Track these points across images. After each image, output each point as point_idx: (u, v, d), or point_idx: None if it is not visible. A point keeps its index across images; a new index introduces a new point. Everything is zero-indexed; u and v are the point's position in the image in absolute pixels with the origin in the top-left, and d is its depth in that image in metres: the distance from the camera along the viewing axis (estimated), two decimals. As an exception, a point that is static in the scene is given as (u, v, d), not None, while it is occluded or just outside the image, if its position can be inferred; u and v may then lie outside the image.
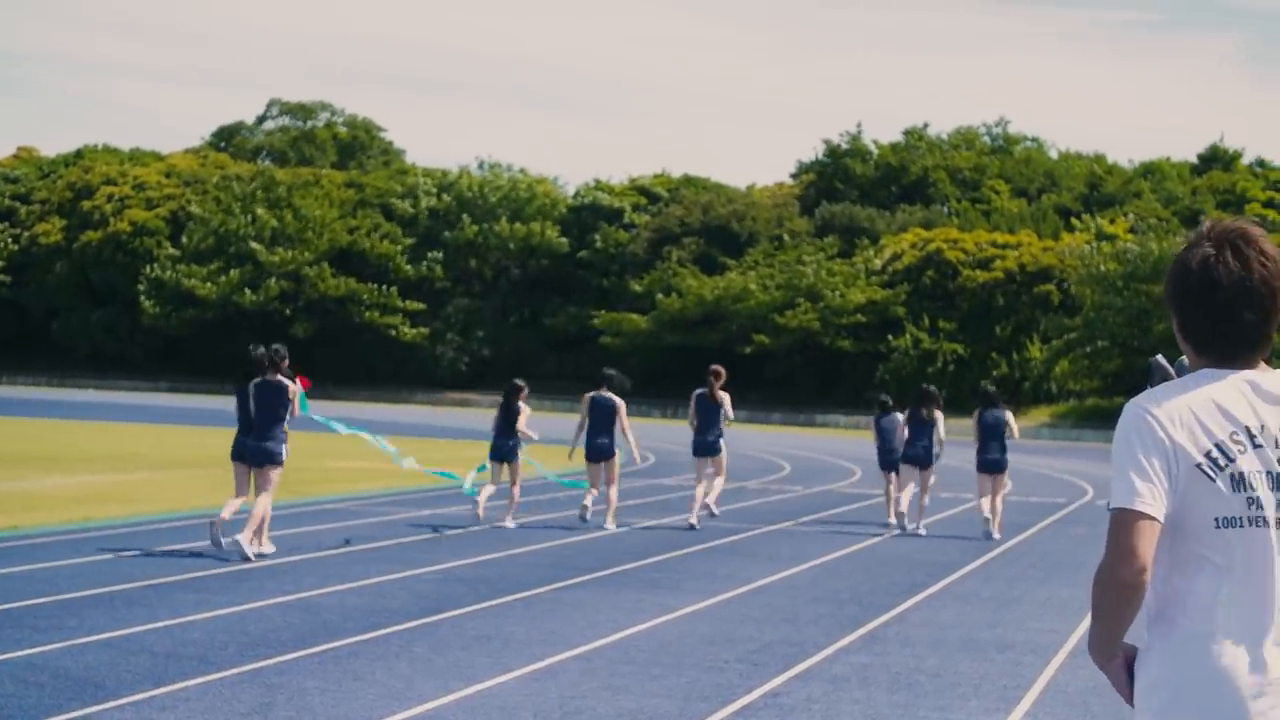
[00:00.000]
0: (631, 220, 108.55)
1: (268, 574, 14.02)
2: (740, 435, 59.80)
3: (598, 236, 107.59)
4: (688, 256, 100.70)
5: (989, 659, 10.89)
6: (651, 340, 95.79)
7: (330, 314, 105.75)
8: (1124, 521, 3.44)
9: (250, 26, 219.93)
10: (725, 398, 20.43)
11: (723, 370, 20.68)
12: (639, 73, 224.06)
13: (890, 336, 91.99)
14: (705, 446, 20.42)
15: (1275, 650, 3.43)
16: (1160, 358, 3.85)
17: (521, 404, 19.77)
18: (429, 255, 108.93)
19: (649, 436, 49.13)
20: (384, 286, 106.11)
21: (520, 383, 20.04)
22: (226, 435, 42.91)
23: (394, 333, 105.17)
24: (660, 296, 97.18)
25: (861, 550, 18.18)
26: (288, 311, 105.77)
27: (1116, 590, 3.45)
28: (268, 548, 15.62)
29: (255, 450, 15.76)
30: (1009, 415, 21.14)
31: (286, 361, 15.95)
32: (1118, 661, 3.60)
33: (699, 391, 20.49)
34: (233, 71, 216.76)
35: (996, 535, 20.32)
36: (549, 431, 53.88)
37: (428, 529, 18.75)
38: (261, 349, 15.99)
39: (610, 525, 19.55)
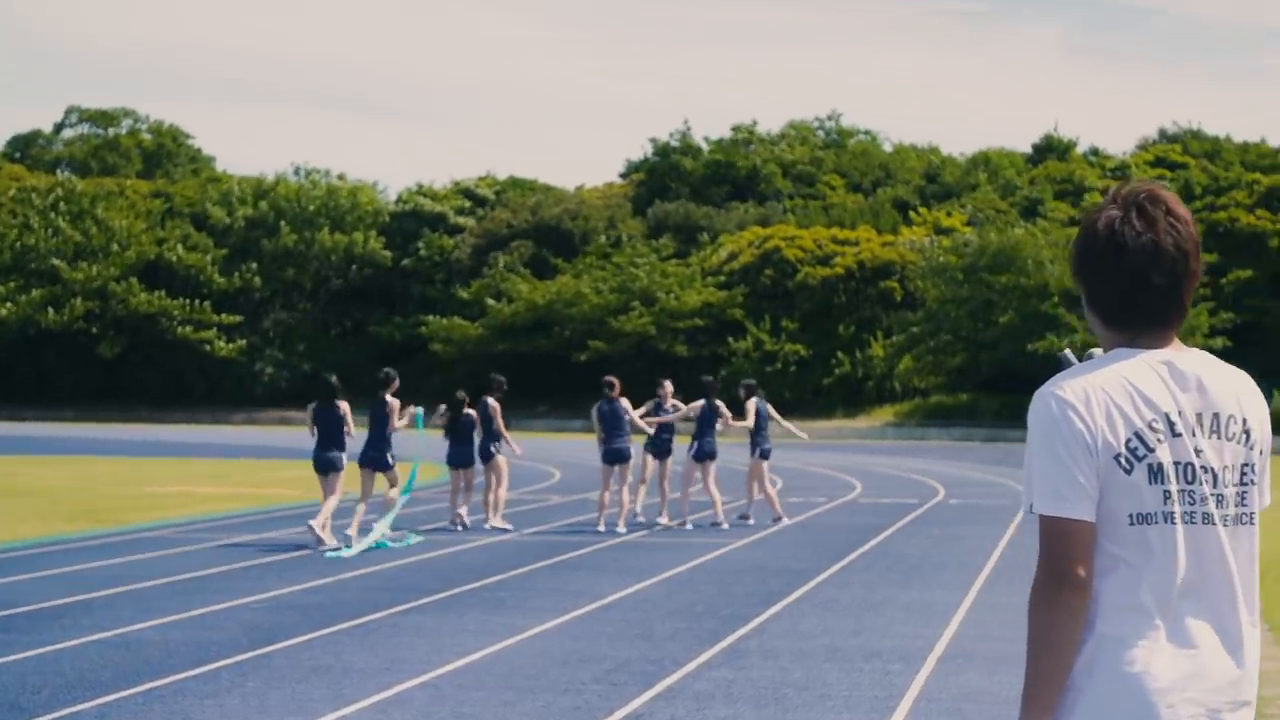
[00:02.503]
0: (456, 224, 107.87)
1: (81, 609, 13.49)
2: (575, 445, 59.68)
3: (421, 244, 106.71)
4: (517, 261, 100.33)
5: (856, 668, 10.79)
6: (483, 347, 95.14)
7: (139, 331, 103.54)
8: (1056, 531, 3.26)
9: (44, 31, 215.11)
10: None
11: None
12: (459, 73, 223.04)
13: (730, 339, 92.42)
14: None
15: (1185, 653, 3.28)
16: (1068, 351, 3.69)
17: (492, 400, 22.11)
18: (244, 266, 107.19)
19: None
20: (196, 301, 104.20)
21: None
22: (27, 463, 41.74)
23: (208, 349, 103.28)
24: (490, 302, 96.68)
25: (712, 560, 18.07)
26: (94, 330, 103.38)
27: (1062, 610, 3.23)
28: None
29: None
30: (770, 406, 23.83)
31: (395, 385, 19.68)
32: None
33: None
34: (27, 77, 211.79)
35: (784, 520, 23.03)
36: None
37: (254, 553, 18.26)
38: (389, 369, 19.97)
39: (621, 528, 21.60)
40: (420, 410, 20.55)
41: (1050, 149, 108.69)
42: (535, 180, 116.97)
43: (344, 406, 19.14)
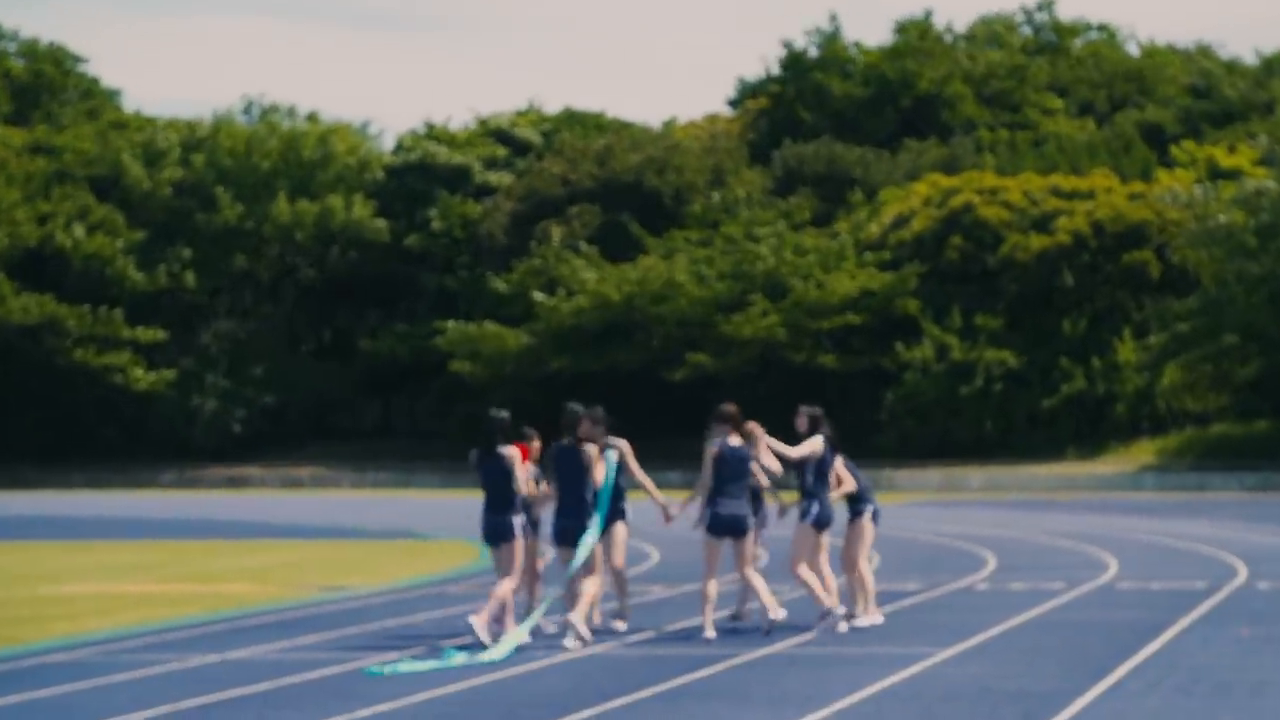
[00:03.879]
0: (486, 183, 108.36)
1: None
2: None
3: (434, 212, 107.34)
4: (578, 234, 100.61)
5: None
6: (529, 365, 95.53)
7: (15, 354, 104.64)
8: None
9: None
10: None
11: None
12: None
13: (900, 344, 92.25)
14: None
15: None
16: None
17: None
18: (171, 253, 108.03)
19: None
20: (101, 306, 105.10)
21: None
22: None
23: (120, 378, 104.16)
24: (540, 297, 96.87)
25: (907, 680, 18.03)
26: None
27: None
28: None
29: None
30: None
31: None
32: None
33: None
34: None
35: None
36: (394, 520, 53.16)
37: (219, 682, 18.37)
38: (573, 405, 21.24)
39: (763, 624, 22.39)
40: (616, 457, 21.43)
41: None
42: (602, 115, 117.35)
43: (510, 454, 20.45)
